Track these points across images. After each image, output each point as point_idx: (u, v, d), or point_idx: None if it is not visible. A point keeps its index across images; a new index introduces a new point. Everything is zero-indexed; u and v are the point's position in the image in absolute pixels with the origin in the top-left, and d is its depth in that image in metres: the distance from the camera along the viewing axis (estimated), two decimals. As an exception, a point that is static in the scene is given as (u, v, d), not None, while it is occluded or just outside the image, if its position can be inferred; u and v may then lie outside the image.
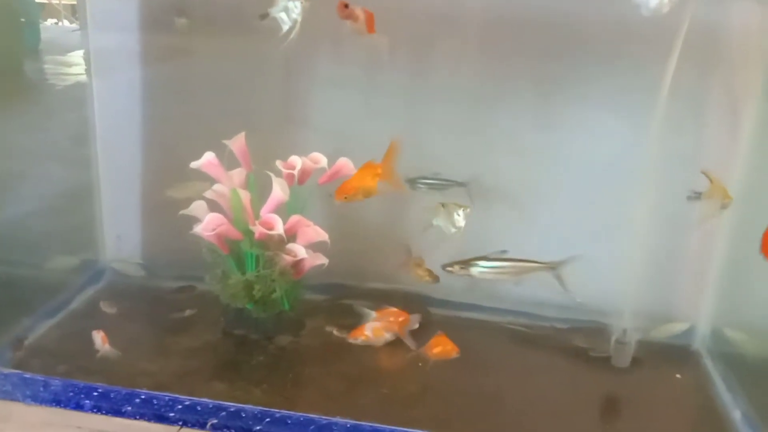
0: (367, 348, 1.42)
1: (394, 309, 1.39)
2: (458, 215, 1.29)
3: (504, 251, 1.32)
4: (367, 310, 1.40)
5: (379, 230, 1.64)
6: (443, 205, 1.31)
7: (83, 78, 1.62)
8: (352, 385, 1.31)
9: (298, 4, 1.15)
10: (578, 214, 1.52)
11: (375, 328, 1.26)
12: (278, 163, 1.36)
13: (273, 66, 1.55)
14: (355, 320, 1.41)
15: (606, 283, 1.44)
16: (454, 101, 1.52)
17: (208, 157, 1.35)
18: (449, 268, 1.31)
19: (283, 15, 1.16)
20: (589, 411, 1.30)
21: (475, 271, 1.30)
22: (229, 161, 1.41)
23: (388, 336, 1.26)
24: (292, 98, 1.58)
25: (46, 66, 1.76)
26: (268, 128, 1.54)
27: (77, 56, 1.64)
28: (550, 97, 1.49)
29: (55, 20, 1.91)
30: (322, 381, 1.32)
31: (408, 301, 1.54)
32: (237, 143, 1.37)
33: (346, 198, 1.24)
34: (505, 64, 1.48)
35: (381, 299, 1.45)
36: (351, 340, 1.27)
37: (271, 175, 1.34)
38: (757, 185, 1.40)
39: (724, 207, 1.22)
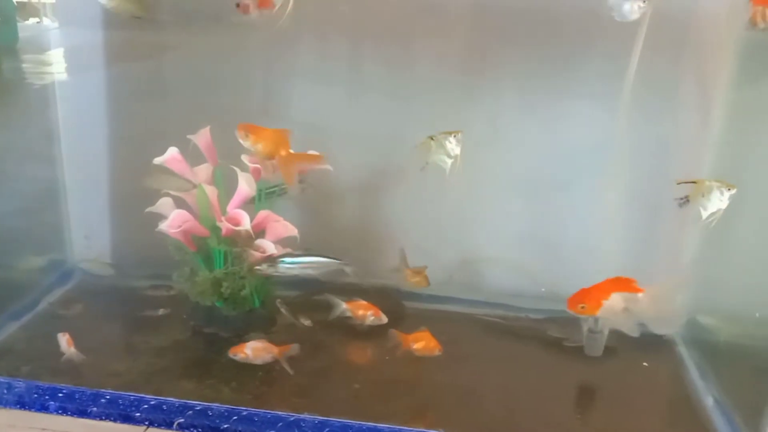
0: (340, 343, 1.42)
1: (364, 302, 1.38)
2: (451, 143, 1.23)
3: (308, 249, 1.32)
4: (338, 301, 1.38)
5: (353, 224, 1.63)
6: (432, 138, 1.26)
7: (61, 77, 1.60)
8: (323, 380, 1.30)
9: None
10: (553, 201, 1.52)
11: (255, 348, 1.26)
12: (244, 158, 1.33)
13: (244, 60, 1.53)
14: (327, 316, 1.39)
15: (581, 271, 1.45)
16: (430, 92, 1.50)
17: (172, 152, 1.32)
18: (258, 268, 1.30)
19: None
20: (561, 401, 1.29)
21: (282, 267, 1.29)
22: (199, 157, 1.39)
23: (268, 357, 1.26)
24: (265, 92, 1.56)
25: (23, 65, 1.73)
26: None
27: (56, 55, 1.61)
28: (527, 86, 1.48)
29: (37, 19, 1.89)
30: (292, 377, 1.30)
31: (383, 295, 1.54)
32: (202, 138, 1.35)
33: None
34: (482, 54, 1.47)
35: (356, 294, 1.44)
36: (231, 356, 1.26)
37: (236, 169, 1.32)
38: (729, 170, 1.39)
39: (730, 195, 1.18)
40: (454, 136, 1.23)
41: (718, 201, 1.11)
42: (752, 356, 1.19)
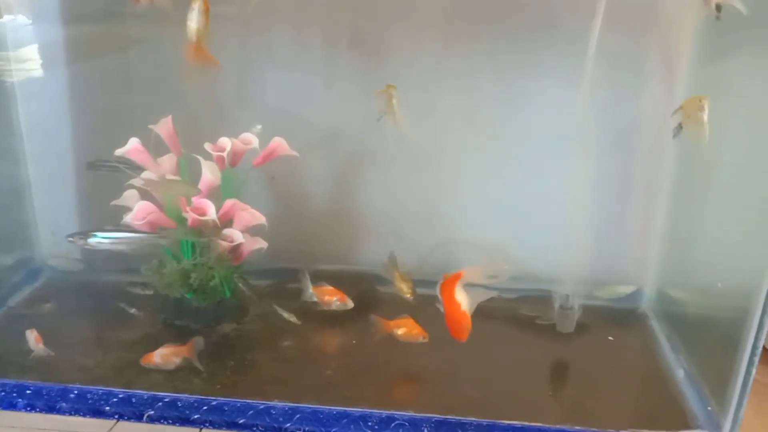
0: (314, 330, 1.41)
1: (330, 287, 1.37)
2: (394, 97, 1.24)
3: (119, 224, 1.30)
4: (308, 283, 1.37)
5: (326, 210, 1.62)
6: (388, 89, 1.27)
7: (22, 73, 1.57)
8: (295, 368, 1.30)
9: None
10: (523, 182, 1.52)
11: (163, 354, 1.25)
12: (207, 146, 1.31)
13: (212, 49, 1.49)
14: (301, 304, 1.38)
15: (555, 251, 1.45)
16: (402, 77, 1.46)
17: (133, 143, 1.31)
18: (70, 239, 1.27)
19: None
20: (535, 378, 1.29)
21: (93, 241, 1.27)
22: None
23: (177, 360, 1.25)
24: (235, 80, 1.53)
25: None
26: (208, 112, 1.50)
27: (31, 51, 1.58)
28: (496, 68, 1.46)
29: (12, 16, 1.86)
30: (264, 366, 1.30)
31: (358, 280, 1.54)
32: (163, 127, 1.33)
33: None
34: (452, 38, 1.45)
35: (330, 280, 1.43)
36: (144, 365, 1.26)
37: (200, 159, 1.30)
38: (695, 146, 1.40)
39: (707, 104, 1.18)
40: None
41: (701, 114, 1.12)
42: (719, 327, 1.19)
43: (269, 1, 1.43)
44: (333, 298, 1.36)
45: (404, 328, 1.30)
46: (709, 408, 1.15)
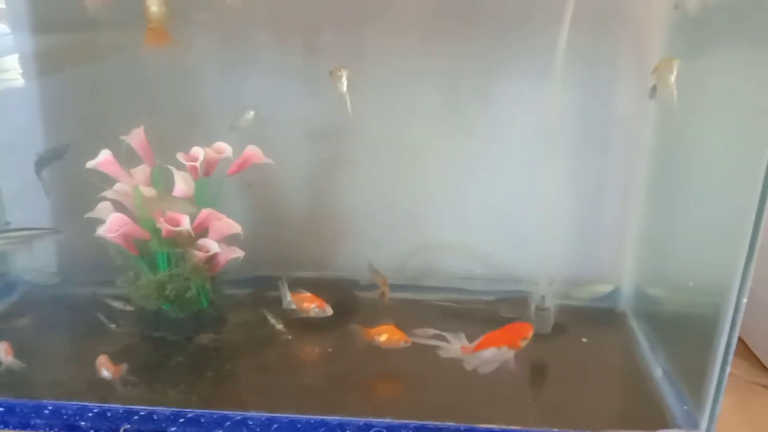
0: (292, 339, 1.40)
1: (309, 294, 1.36)
2: (342, 81, 1.22)
3: (8, 222, 1.29)
4: (287, 291, 1.35)
5: (304, 216, 1.61)
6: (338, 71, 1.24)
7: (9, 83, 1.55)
8: (273, 377, 1.29)
9: None
10: (500, 183, 1.52)
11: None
12: (179, 156, 1.31)
13: (185, 55, 1.48)
14: (280, 312, 1.37)
15: (532, 251, 1.45)
16: (374, 78, 1.48)
17: (105, 155, 1.30)
18: None
19: None
20: (511, 380, 1.27)
21: None
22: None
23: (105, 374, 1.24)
24: (210, 85, 1.52)
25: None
26: (184, 120, 1.49)
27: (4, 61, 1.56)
28: (469, 69, 1.46)
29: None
30: (242, 376, 1.29)
31: (336, 287, 1.54)
32: (135, 138, 1.32)
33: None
34: (425, 41, 1.45)
35: (308, 287, 1.43)
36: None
37: (172, 169, 1.29)
38: (667, 139, 1.41)
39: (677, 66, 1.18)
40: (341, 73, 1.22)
41: (670, 76, 1.12)
42: (694, 325, 1.20)
43: (245, 7, 1.43)
44: (312, 305, 1.35)
45: (386, 335, 1.30)
46: (685, 407, 1.15)
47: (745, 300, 0.99)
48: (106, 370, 1.22)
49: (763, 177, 0.97)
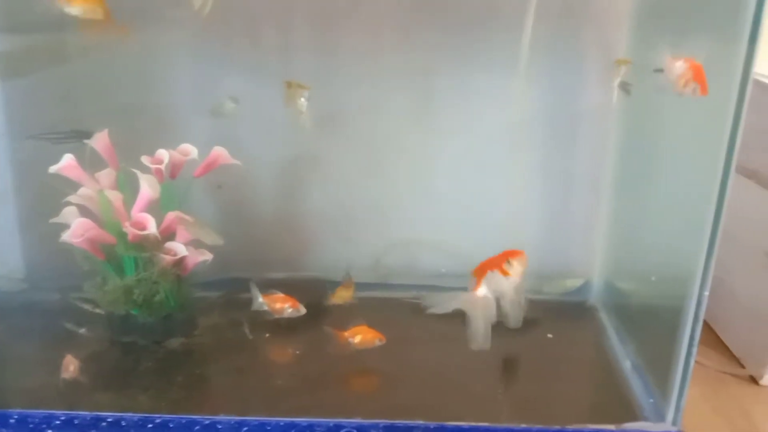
0: (264, 340, 1.40)
1: (281, 294, 1.36)
2: (302, 101, 1.24)
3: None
4: (257, 292, 1.36)
5: (276, 216, 1.60)
6: (289, 85, 1.27)
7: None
8: (244, 380, 1.28)
9: None
10: (470, 178, 1.52)
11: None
12: (144, 159, 1.29)
13: (148, 55, 1.46)
14: (253, 314, 1.36)
15: (503, 246, 1.46)
16: (343, 76, 1.48)
17: (67, 159, 1.28)
18: None
19: None
20: (483, 376, 1.30)
21: None
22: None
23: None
24: (175, 84, 1.50)
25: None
26: (153, 122, 1.47)
27: None
28: (438, 65, 1.46)
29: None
30: (212, 380, 1.29)
31: (310, 287, 1.52)
32: (100, 142, 1.30)
33: None
34: (392, 38, 1.45)
35: (281, 288, 1.42)
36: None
37: (137, 172, 1.28)
38: (633, 134, 1.42)
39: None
40: (303, 97, 1.24)
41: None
42: (660, 317, 1.21)
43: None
44: (285, 305, 1.35)
45: (359, 335, 1.30)
46: (651, 400, 1.16)
47: (707, 293, 1.00)
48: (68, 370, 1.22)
49: (721, 172, 0.98)
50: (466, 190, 1.53)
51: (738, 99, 0.97)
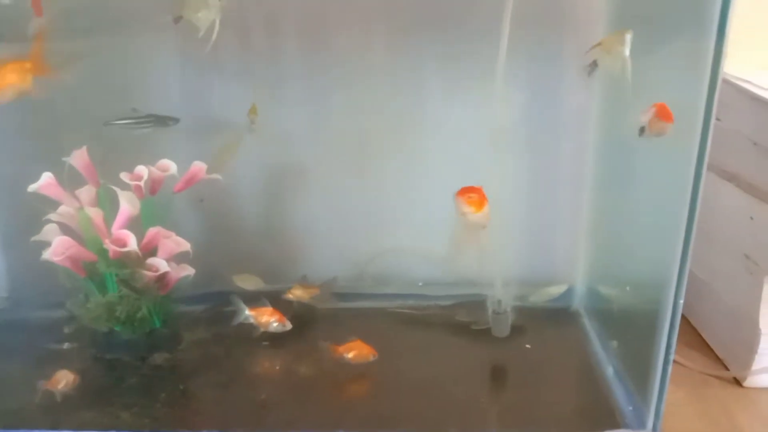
0: (249, 354, 1.39)
1: (269, 308, 1.36)
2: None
3: (134, 109, 1.31)
4: (242, 305, 1.36)
5: (260, 228, 1.60)
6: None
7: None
8: (228, 394, 1.28)
9: (216, 1, 1.09)
10: (454, 186, 1.53)
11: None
12: (123, 176, 1.30)
13: (130, 62, 1.46)
14: (238, 329, 1.37)
15: (487, 254, 1.46)
16: (324, 82, 1.49)
17: (46, 177, 1.28)
18: None
19: (200, 16, 1.10)
20: (469, 384, 1.30)
21: None
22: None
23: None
24: (154, 92, 1.49)
25: None
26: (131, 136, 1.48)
27: None
28: (419, 70, 1.47)
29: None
30: (196, 395, 1.28)
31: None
32: (78, 159, 1.31)
33: None
34: (376, 41, 1.45)
35: (266, 298, 1.43)
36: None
37: (116, 189, 1.28)
38: (611, 140, 1.42)
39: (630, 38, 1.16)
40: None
41: (623, 49, 1.11)
42: (639, 322, 1.21)
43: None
44: (271, 319, 1.35)
45: (354, 351, 1.31)
46: (630, 407, 1.17)
47: (681, 301, 1.00)
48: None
49: (693, 177, 0.99)
50: (449, 198, 1.53)
51: (707, 99, 0.98)
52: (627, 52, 1.09)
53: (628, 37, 1.08)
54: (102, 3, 1.37)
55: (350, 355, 1.30)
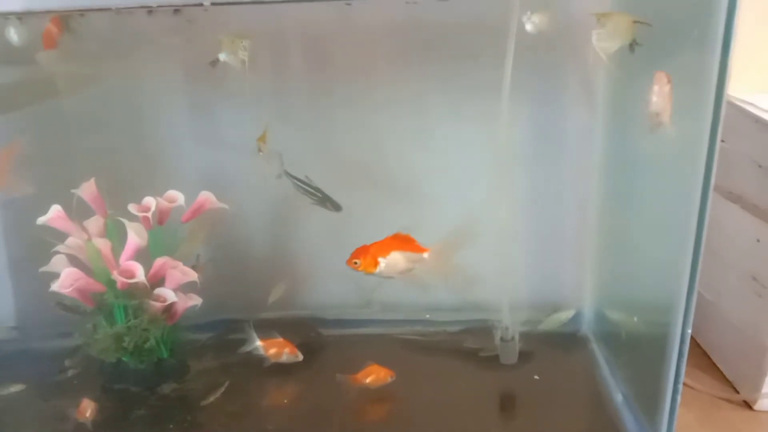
0: (258, 385, 1.39)
1: (280, 339, 1.36)
2: (243, 48, 1.21)
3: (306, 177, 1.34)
4: (254, 335, 1.35)
5: (267, 256, 1.60)
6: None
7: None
8: (235, 425, 1.28)
9: (246, 44, 1.15)
10: (459, 213, 1.51)
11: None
12: (131, 207, 1.30)
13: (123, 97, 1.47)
14: (243, 357, 1.36)
15: (494, 279, 1.45)
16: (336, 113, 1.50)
17: (56, 210, 1.29)
18: None
19: (232, 58, 1.17)
20: (476, 412, 1.30)
21: None
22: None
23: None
24: (165, 129, 1.52)
25: None
26: (138, 166, 1.49)
27: None
28: (424, 91, 1.47)
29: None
30: (204, 426, 1.28)
31: (300, 326, 1.54)
32: (87, 191, 1.32)
33: None
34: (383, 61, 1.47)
35: (271, 328, 1.42)
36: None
37: (124, 221, 1.29)
38: (617, 163, 1.42)
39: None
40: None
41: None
42: (647, 347, 1.21)
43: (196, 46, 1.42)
44: (283, 351, 1.35)
45: (372, 376, 1.31)
46: (641, 434, 1.17)
47: (689, 330, 1.00)
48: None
49: (699, 200, 0.99)
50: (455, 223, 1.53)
51: (713, 121, 0.97)
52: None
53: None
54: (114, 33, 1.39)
55: (368, 380, 1.30)
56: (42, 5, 1.07)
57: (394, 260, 1.21)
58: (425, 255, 1.22)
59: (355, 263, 1.23)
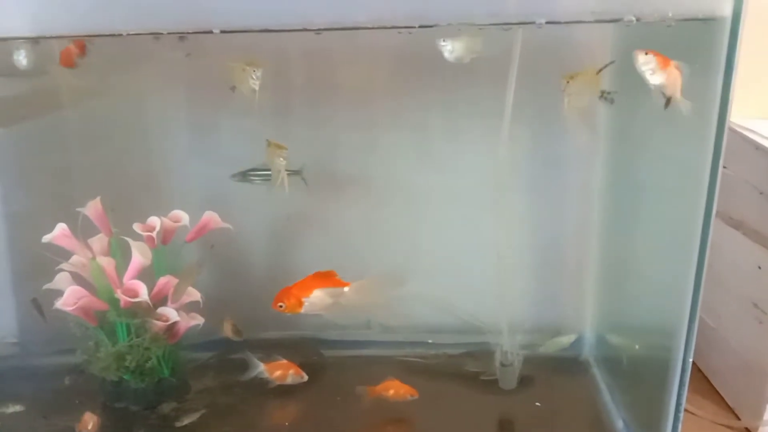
0: (260, 403, 1.39)
1: (284, 361, 1.36)
2: (253, 77, 1.21)
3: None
4: (256, 361, 1.36)
5: (268, 275, 1.60)
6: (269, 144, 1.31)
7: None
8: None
9: (259, 73, 1.17)
10: (461, 234, 1.52)
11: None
12: (136, 227, 1.31)
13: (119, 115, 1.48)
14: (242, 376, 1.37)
15: (495, 303, 1.46)
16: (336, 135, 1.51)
17: (61, 228, 1.30)
18: None
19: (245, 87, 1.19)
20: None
21: None
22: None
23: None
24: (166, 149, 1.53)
25: None
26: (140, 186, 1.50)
27: None
28: (428, 114, 1.49)
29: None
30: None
31: (301, 347, 1.54)
32: (92, 209, 1.32)
33: None
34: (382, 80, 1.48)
35: (273, 348, 1.42)
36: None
37: (129, 240, 1.30)
38: (620, 184, 1.43)
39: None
40: (281, 156, 1.28)
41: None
42: (649, 377, 1.21)
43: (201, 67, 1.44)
44: (288, 372, 1.36)
45: (392, 390, 1.32)
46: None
47: (691, 359, 1.00)
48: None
49: (701, 228, 1.00)
50: (455, 248, 1.53)
51: (715, 147, 0.98)
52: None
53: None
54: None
55: (389, 393, 1.31)
56: (52, 29, 1.08)
57: (317, 298, 1.22)
58: (345, 289, 1.23)
59: (281, 306, 1.23)
